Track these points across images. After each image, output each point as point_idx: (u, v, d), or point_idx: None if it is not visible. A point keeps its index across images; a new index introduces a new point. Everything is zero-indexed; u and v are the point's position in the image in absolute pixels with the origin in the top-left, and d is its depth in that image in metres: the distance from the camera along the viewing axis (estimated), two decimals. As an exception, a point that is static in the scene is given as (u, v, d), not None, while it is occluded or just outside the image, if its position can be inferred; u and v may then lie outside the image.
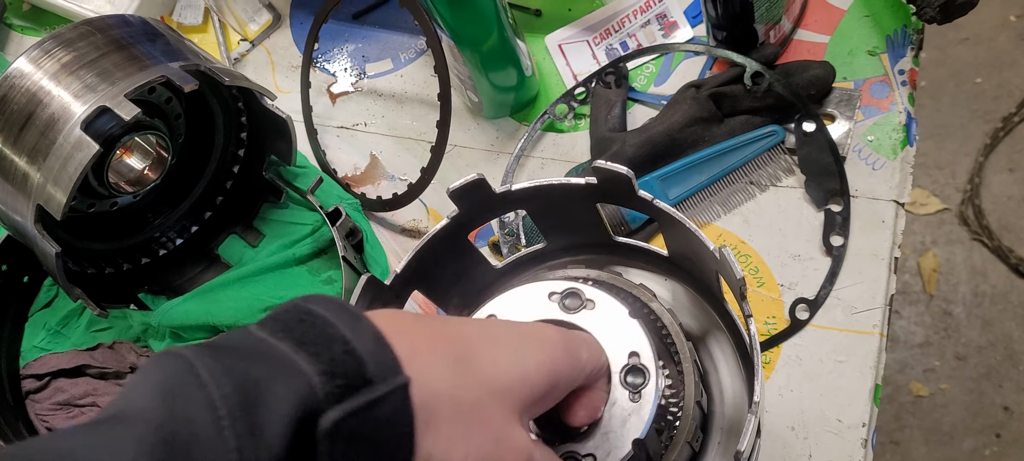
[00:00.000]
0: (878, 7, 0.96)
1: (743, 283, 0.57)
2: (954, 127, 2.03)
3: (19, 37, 1.22)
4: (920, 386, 1.99)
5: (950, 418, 1.96)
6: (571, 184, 0.65)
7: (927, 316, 2.06)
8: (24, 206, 0.87)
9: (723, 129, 0.93)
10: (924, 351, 2.03)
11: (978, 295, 2.05)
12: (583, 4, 1.05)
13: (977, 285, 2.06)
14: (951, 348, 2.03)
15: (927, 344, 2.04)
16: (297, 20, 1.15)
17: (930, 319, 2.05)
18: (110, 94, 0.84)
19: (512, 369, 0.48)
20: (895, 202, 0.90)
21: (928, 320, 2.06)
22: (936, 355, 2.02)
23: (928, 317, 2.06)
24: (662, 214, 0.64)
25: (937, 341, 2.04)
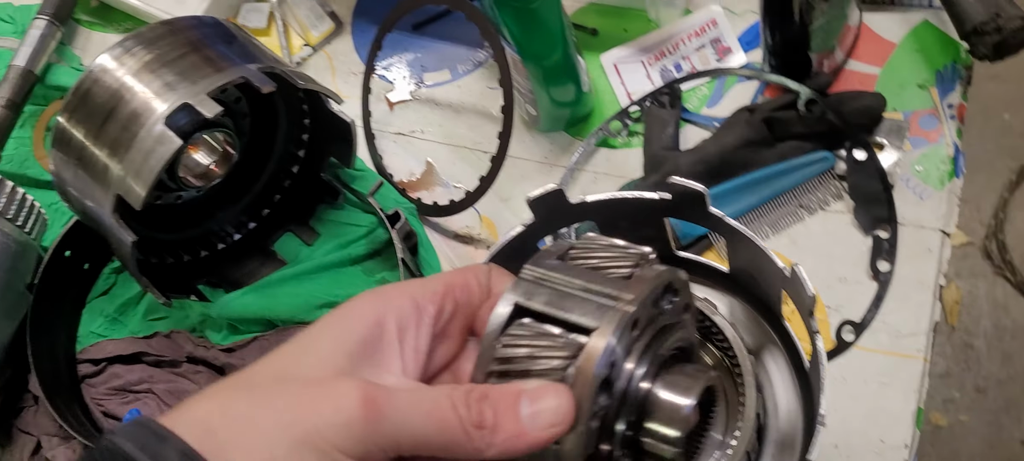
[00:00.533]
0: (929, 42, 1.00)
1: (813, 300, 0.60)
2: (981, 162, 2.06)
3: (86, 32, 1.26)
4: (939, 416, 2.01)
5: (968, 449, 1.98)
6: (645, 198, 0.68)
7: (948, 347, 2.08)
8: (102, 196, 0.91)
9: (774, 153, 0.96)
10: (944, 382, 2.05)
11: (999, 329, 2.07)
12: (638, 25, 1.08)
13: (999, 319, 2.08)
14: (971, 380, 2.05)
15: (947, 375, 2.06)
16: (358, 28, 1.19)
17: (951, 350, 2.07)
18: (192, 92, 0.88)
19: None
20: (941, 231, 0.93)
21: (949, 351, 2.08)
22: (956, 386, 2.05)
23: (949, 348, 2.08)
24: (732, 231, 0.67)
25: (957, 372, 2.06)
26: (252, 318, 1.04)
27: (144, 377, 1.08)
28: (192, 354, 1.07)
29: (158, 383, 1.07)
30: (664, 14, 1.06)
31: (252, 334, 1.05)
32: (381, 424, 0.44)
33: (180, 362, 1.08)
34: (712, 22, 1.05)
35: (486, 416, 0.46)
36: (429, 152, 1.11)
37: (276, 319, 1.04)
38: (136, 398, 1.07)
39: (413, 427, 0.45)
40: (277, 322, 1.05)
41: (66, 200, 0.99)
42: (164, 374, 1.08)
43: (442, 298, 0.52)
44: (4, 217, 1.03)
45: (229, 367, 1.04)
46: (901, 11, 1.02)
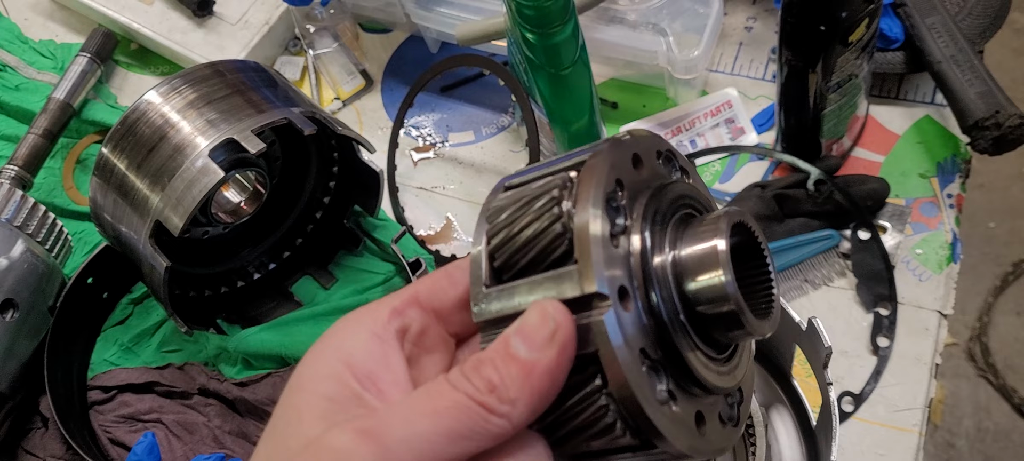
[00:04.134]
0: (930, 135, 1.06)
1: (829, 352, 0.64)
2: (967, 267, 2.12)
3: (124, 73, 1.31)
4: (921, 513, 2.03)
5: (948, 548, 2.00)
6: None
7: (930, 445, 2.11)
8: (139, 223, 0.94)
9: (783, 228, 1.01)
10: (926, 480, 2.08)
11: (981, 430, 2.11)
12: (657, 102, 1.14)
13: (981, 421, 2.12)
14: (952, 480, 2.08)
15: (929, 473, 2.09)
16: (387, 86, 1.24)
17: (933, 448, 2.10)
18: (236, 129, 0.93)
19: None
20: (939, 313, 0.97)
21: (931, 449, 2.11)
22: (938, 485, 2.07)
23: (932, 446, 2.11)
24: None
25: (939, 471, 2.09)
26: (267, 354, 1.06)
27: (154, 407, 1.09)
28: (205, 386, 1.09)
29: (168, 413, 1.09)
30: (682, 93, 1.12)
31: (266, 370, 1.07)
32: (389, 448, 0.40)
33: (191, 394, 1.10)
34: (727, 104, 1.11)
35: (491, 377, 0.41)
36: (449, 207, 1.15)
37: (290, 357, 1.07)
38: (145, 426, 1.09)
39: (425, 431, 0.41)
40: (291, 360, 1.07)
41: (100, 226, 1.03)
42: (174, 405, 1.10)
43: (403, 316, 0.47)
44: (35, 239, 1.06)
45: (241, 401, 1.06)
46: (906, 105, 1.08)
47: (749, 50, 1.16)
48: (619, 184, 0.43)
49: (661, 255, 0.43)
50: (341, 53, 1.24)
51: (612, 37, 1.08)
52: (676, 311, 0.43)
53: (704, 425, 0.44)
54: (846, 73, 0.93)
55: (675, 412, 0.42)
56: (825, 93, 0.95)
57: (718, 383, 0.44)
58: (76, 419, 1.08)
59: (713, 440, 0.44)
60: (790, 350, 0.74)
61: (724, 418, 0.46)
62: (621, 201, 0.43)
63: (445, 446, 0.40)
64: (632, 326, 0.41)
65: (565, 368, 0.41)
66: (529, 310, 0.41)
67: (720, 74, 1.15)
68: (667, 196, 0.45)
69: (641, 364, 0.41)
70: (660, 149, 0.48)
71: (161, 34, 1.26)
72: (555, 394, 0.41)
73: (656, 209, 0.44)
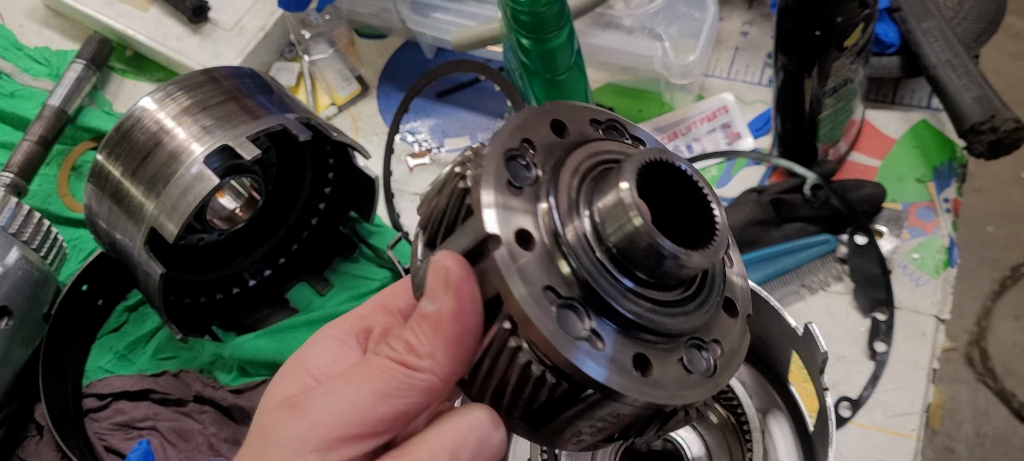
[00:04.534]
0: (927, 140, 1.06)
1: (825, 357, 0.64)
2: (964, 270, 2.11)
3: (119, 80, 1.31)
4: (920, 518, 2.03)
5: (947, 554, 2.00)
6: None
7: (929, 450, 2.10)
8: (134, 230, 0.94)
9: (780, 233, 1.00)
10: (925, 485, 2.07)
11: (980, 435, 2.11)
12: (653, 107, 1.14)
13: (979, 425, 2.12)
14: (951, 485, 2.07)
15: (928, 478, 2.08)
16: (383, 92, 1.24)
17: (933, 454, 2.10)
18: (232, 136, 0.92)
19: None
20: (936, 317, 0.97)
21: (930, 455, 2.10)
22: (936, 490, 2.07)
23: (930, 451, 2.10)
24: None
25: (938, 477, 2.08)
26: (263, 361, 1.06)
27: (149, 414, 1.09)
28: (200, 394, 1.08)
29: (163, 421, 1.08)
30: (678, 98, 1.12)
31: (261, 377, 1.07)
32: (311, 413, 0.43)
33: (186, 401, 1.09)
34: (723, 109, 1.11)
35: (408, 338, 0.44)
36: (445, 213, 1.15)
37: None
38: (140, 434, 1.08)
39: (349, 395, 0.43)
40: (288, 367, 1.07)
41: (95, 233, 1.02)
42: (169, 412, 1.09)
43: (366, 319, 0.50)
44: (30, 247, 1.05)
45: (236, 408, 1.06)
46: (902, 110, 1.08)
47: (745, 55, 1.16)
48: (528, 143, 0.45)
49: (575, 200, 0.44)
50: (337, 59, 1.24)
51: (608, 42, 1.08)
52: (590, 248, 0.43)
53: (650, 368, 0.43)
54: (842, 78, 0.93)
55: (600, 350, 0.42)
56: (821, 98, 0.95)
57: (653, 319, 0.43)
58: (71, 427, 1.07)
59: (667, 385, 0.43)
60: (787, 356, 0.74)
61: (689, 366, 0.45)
62: (530, 158, 0.44)
63: (372, 405, 0.43)
64: (534, 264, 0.42)
65: (470, 311, 0.43)
66: (429, 267, 0.44)
67: (716, 79, 1.15)
68: (586, 150, 0.46)
69: (547, 301, 0.41)
70: (598, 118, 0.48)
71: (156, 40, 1.26)
72: (472, 341, 0.43)
73: (572, 162, 0.45)
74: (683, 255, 0.43)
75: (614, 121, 0.49)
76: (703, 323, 0.46)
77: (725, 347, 0.47)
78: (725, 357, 0.46)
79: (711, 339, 0.46)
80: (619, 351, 0.42)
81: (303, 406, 0.44)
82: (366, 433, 0.43)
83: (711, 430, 0.79)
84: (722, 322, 0.47)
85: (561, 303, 0.42)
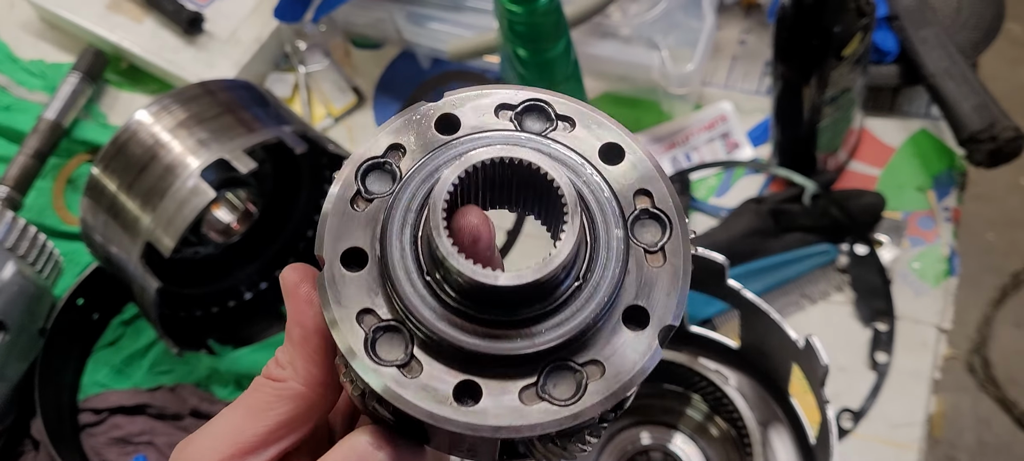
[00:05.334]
0: (926, 149, 1.05)
1: (826, 371, 0.63)
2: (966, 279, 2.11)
3: (115, 92, 1.30)
4: (922, 527, 2.02)
5: (950, 563, 1.98)
6: (665, 269, 0.71)
7: (932, 459, 2.09)
8: (130, 244, 0.93)
9: (780, 243, 1.00)
10: (927, 493, 2.06)
11: (982, 444, 2.10)
12: (651, 117, 1.13)
13: (981, 434, 2.11)
14: (954, 493, 2.06)
15: (930, 487, 2.07)
16: (379, 103, 1.24)
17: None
18: (228, 149, 0.92)
19: None
20: (937, 327, 0.96)
21: (932, 463, 2.09)
22: (939, 498, 2.05)
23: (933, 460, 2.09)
24: (747, 304, 0.70)
25: (940, 485, 2.07)
26: (260, 375, 1.05)
27: (145, 429, 1.08)
28: (197, 408, 1.07)
29: (160, 436, 1.07)
30: (676, 108, 1.12)
31: (259, 392, 1.06)
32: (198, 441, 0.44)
33: (183, 416, 1.08)
34: (722, 118, 1.11)
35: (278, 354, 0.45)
36: (443, 225, 1.14)
37: (284, 378, 1.05)
38: (136, 448, 1.08)
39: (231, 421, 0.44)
40: (285, 381, 1.06)
41: (90, 247, 1.02)
42: (166, 427, 1.09)
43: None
44: (26, 261, 1.05)
45: (234, 423, 1.05)
46: (901, 118, 1.08)
47: (743, 64, 1.15)
48: (395, 148, 0.42)
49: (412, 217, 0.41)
50: (332, 70, 1.24)
51: (605, 52, 1.08)
52: (418, 269, 0.40)
53: (478, 395, 0.39)
54: (840, 87, 0.92)
55: (411, 377, 0.39)
56: (820, 107, 0.95)
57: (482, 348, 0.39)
58: (67, 442, 1.07)
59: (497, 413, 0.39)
60: (787, 368, 0.73)
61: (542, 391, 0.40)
62: (393, 165, 0.42)
63: (246, 423, 0.44)
64: (355, 287, 0.40)
65: (306, 312, 0.43)
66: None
67: (714, 88, 1.14)
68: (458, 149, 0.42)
69: (361, 325, 0.39)
70: (509, 103, 0.43)
71: (151, 52, 1.25)
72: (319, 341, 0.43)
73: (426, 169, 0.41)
74: (485, 278, 0.38)
75: (534, 102, 0.43)
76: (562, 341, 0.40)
77: (609, 367, 0.40)
78: (603, 380, 0.40)
79: (589, 359, 0.40)
80: (437, 378, 0.39)
81: (194, 438, 0.45)
82: (244, 450, 0.44)
83: (712, 443, 0.78)
84: (618, 338, 0.41)
85: (380, 326, 0.40)
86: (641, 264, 0.42)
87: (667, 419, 0.80)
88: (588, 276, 0.41)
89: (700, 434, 0.79)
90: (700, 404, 0.79)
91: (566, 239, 0.39)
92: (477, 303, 0.40)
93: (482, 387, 0.39)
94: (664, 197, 0.42)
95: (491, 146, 0.40)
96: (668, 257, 0.42)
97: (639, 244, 0.42)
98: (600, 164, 0.42)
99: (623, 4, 1.08)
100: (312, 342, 0.43)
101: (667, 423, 0.80)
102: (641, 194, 0.42)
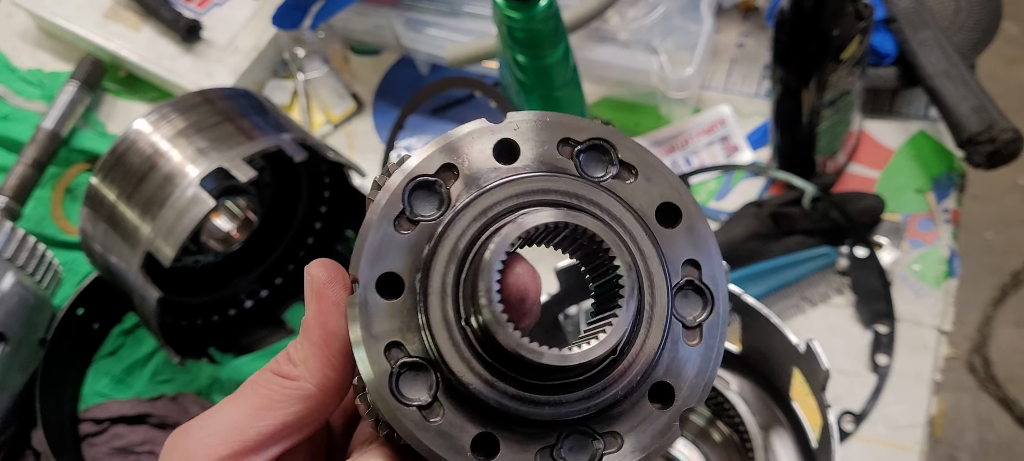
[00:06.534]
0: (925, 151, 1.05)
1: (827, 375, 0.63)
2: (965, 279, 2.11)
3: (113, 101, 1.30)
4: (924, 528, 2.02)
5: (952, 563, 1.98)
6: (666, 274, 0.71)
7: (933, 459, 2.09)
8: (130, 254, 0.93)
9: (780, 246, 1.00)
10: (929, 493, 2.06)
11: (984, 443, 2.10)
12: (650, 121, 1.13)
13: (983, 433, 2.11)
14: (955, 493, 2.06)
15: (932, 487, 2.07)
16: (379, 109, 1.24)
17: (936, 462, 2.09)
18: (227, 157, 0.92)
19: None
20: (937, 329, 0.96)
21: (934, 463, 2.09)
22: (940, 499, 2.05)
23: (934, 460, 2.09)
24: (748, 308, 0.70)
25: (942, 485, 2.07)
26: (262, 383, 1.05)
27: (147, 438, 1.08)
28: (198, 417, 1.07)
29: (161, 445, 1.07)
30: (675, 112, 1.12)
31: (260, 400, 1.06)
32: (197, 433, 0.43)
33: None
34: (721, 121, 1.11)
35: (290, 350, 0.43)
36: (443, 231, 1.14)
37: (285, 386, 1.05)
38: (137, 458, 1.07)
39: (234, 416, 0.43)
40: (286, 389, 1.06)
41: (90, 256, 1.01)
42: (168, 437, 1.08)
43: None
44: (25, 271, 1.04)
45: (235, 432, 1.05)
46: (900, 120, 1.08)
47: (742, 67, 1.15)
48: (448, 168, 0.39)
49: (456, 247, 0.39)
50: (331, 77, 1.24)
51: (604, 56, 1.08)
52: (457, 315, 0.38)
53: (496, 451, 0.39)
54: (839, 89, 0.92)
55: (432, 423, 0.38)
56: (819, 110, 0.95)
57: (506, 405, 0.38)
58: (69, 452, 1.06)
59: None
60: (788, 372, 0.73)
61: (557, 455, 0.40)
62: (444, 188, 0.39)
63: (250, 420, 0.42)
64: (387, 316, 0.38)
65: (332, 314, 0.41)
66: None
67: (713, 92, 1.14)
68: (509, 189, 0.39)
69: (388, 358, 0.38)
70: (573, 137, 0.41)
71: (149, 61, 1.25)
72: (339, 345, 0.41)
73: (483, 203, 0.39)
74: (530, 354, 0.37)
75: (598, 141, 0.41)
76: (589, 414, 0.40)
77: (627, 442, 0.40)
78: (618, 454, 0.40)
79: (609, 430, 0.40)
80: (456, 426, 0.38)
81: (192, 429, 0.43)
82: (247, 448, 0.42)
83: (714, 448, 0.78)
84: (640, 412, 0.40)
85: (406, 362, 0.38)
86: (677, 340, 0.40)
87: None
88: (627, 350, 0.40)
89: (702, 439, 0.78)
90: (702, 409, 0.79)
91: (618, 325, 0.38)
92: (512, 366, 0.38)
93: (500, 442, 0.38)
94: (712, 273, 0.40)
95: (553, 209, 0.39)
96: (705, 336, 0.41)
97: (678, 318, 0.40)
98: (656, 226, 0.40)
99: (621, 8, 1.08)
100: (333, 346, 0.42)
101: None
102: (690, 264, 0.41)
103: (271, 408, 0.42)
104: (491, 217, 0.39)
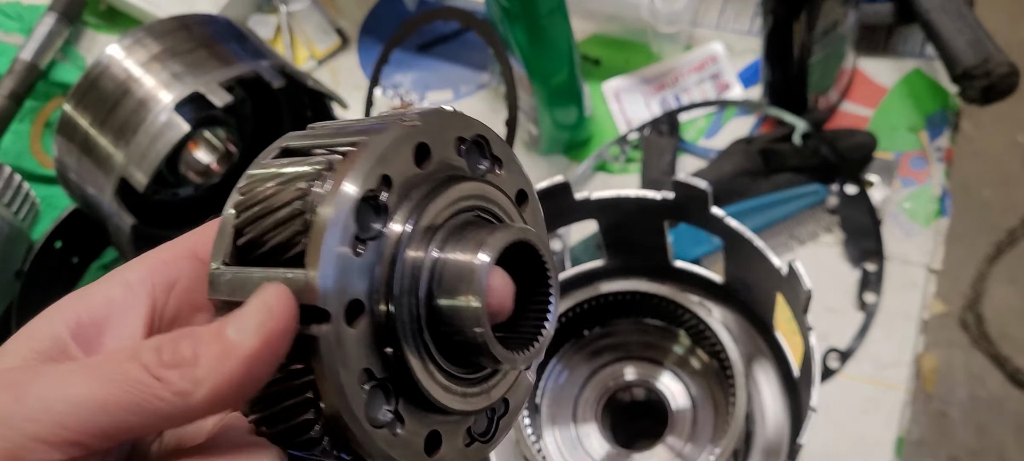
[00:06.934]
0: (919, 89, 1.03)
1: (809, 296, 0.61)
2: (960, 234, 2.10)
3: (93, 34, 1.28)
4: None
5: (940, 518, 1.99)
6: (648, 198, 0.70)
7: (924, 415, 2.09)
8: (104, 181, 0.91)
9: (769, 183, 0.98)
10: (918, 450, 2.06)
11: (974, 399, 2.09)
12: (641, 58, 1.11)
13: (974, 390, 2.10)
14: (945, 449, 2.06)
15: (922, 443, 2.07)
16: (364, 45, 1.21)
17: (926, 419, 2.09)
18: (202, 82, 0.90)
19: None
20: (927, 268, 0.95)
21: (924, 420, 2.09)
22: (929, 454, 2.05)
23: (925, 416, 2.09)
24: (730, 232, 0.68)
25: (932, 441, 2.07)
26: (241, 318, 1.04)
27: (126, 373, 1.07)
28: (178, 352, 1.06)
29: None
30: (666, 49, 1.10)
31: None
32: (24, 402, 0.35)
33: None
34: (712, 58, 1.08)
35: (185, 353, 0.36)
36: (427, 168, 1.12)
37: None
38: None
39: (74, 394, 0.35)
40: (266, 324, 1.04)
41: (66, 187, 1.00)
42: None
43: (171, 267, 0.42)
44: (1, 202, 1.03)
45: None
46: (894, 58, 1.05)
47: (735, 3, 1.13)
48: (385, 181, 0.38)
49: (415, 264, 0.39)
50: (315, 11, 1.21)
51: (593, -10, 1.05)
52: (418, 329, 0.39)
53: (439, 448, 0.40)
54: (830, 20, 0.90)
55: (398, 436, 0.38)
56: (810, 43, 0.92)
57: (458, 406, 0.40)
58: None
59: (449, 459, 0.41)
60: (771, 299, 0.71)
61: (475, 434, 0.42)
62: (384, 199, 0.38)
63: (94, 414, 0.35)
64: (357, 346, 0.37)
65: (266, 361, 0.36)
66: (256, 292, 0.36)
67: (705, 29, 1.12)
68: (446, 197, 0.40)
69: (362, 385, 0.37)
70: (463, 135, 0.41)
71: (131, -7, 1.23)
72: (251, 391, 0.37)
73: (427, 212, 0.39)
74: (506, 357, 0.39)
75: (480, 139, 0.42)
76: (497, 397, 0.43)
77: (511, 403, 0.44)
78: (508, 415, 0.44)
79: (501, 397, 0.43)
80: (413, 433, 0.39)
81: (23, 388, 0.36)
82: (73, 441, 0.35)
83: (695, 377, 0.77)
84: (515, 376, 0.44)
85: (373, 384, 0.38)
86: None
87: (651, 354, 0.78)
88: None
89: (682, 367, 0.77)
90: (684, 339, 0.78)
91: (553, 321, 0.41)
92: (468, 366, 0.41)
93: (442, 435, 0.40)
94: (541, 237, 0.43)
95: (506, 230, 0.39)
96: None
97: None
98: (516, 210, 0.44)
99: (611, -60, 1.05)
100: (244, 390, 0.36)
101: (651, 358, 0.78)
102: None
103: (129, 412, 0.35)
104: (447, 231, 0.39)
